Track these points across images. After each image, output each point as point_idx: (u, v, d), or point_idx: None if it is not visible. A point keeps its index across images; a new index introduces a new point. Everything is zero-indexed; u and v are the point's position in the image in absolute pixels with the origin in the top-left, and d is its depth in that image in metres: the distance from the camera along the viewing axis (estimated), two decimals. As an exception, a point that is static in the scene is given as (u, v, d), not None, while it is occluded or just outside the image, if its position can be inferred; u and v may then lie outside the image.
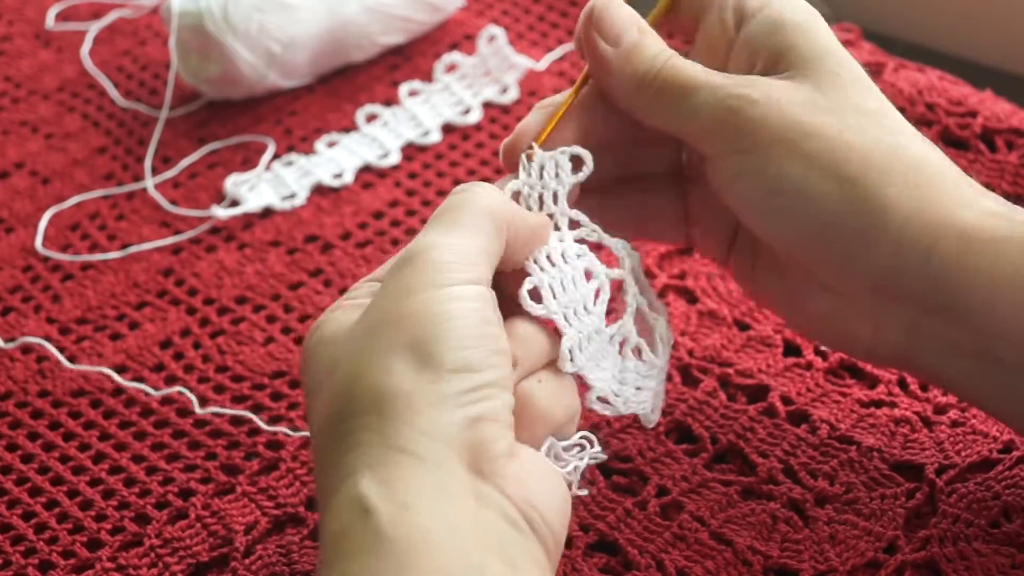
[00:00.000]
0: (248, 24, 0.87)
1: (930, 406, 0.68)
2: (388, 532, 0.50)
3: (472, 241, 0.56)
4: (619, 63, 0.61)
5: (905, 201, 0.57)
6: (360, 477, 0.51)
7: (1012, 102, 0.83)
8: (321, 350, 0.56)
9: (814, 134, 0.58)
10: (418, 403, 0.52)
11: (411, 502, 0.51)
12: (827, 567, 0.62)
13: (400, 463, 0.52)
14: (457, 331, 0.54)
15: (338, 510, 0.52)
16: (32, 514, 0.69)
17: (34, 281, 0.82)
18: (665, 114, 0.61)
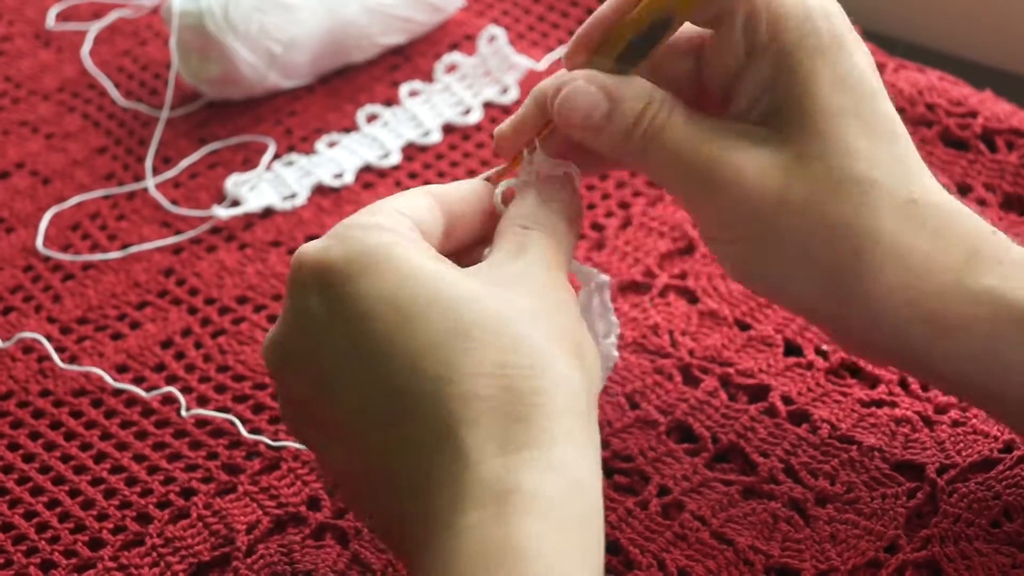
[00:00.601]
0: (248, 24, 0.87)
1: (931, 406, 0.68)
2: (594, 515, 0.51)
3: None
4: (595, 142, 0.60)
5: (875, 294, 0.57)
6: (568, 449, 0.51)
7: (1012, 102, 0.83)
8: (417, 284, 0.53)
9: (784, 237, 0.58)
10: (576, 393, 0.53)
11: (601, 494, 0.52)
12: (828, 566, 0.62)
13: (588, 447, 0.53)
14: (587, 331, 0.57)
15: (545, 475, 0.50)
16: (34, 513, 0.69)
17: (35, 281, 0.82)
18: (651, 176, 0.62)
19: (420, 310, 0.53)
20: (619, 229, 0.80)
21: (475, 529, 0.49)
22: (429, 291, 0.53)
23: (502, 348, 0.52)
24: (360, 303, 0.53)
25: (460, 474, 0.50)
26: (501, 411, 0.51)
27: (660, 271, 0.77)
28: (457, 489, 0.50)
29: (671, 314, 0.74)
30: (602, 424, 0.69)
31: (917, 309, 0.57)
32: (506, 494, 0.49)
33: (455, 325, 0.52)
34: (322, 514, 0.67)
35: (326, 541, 0.66)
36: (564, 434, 0.51)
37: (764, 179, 0.58)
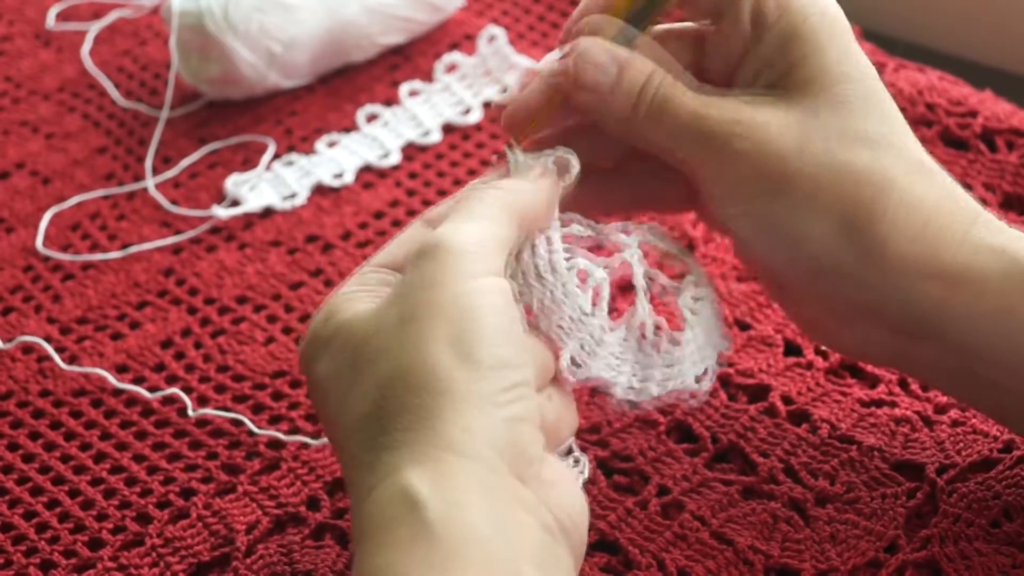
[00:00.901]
0: (248, 24, 0.87)
1: (930, 405, 0.68)
2: (437, 527, 0.50)
3: (490, 232, 0.56)
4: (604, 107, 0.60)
5: (892, 241, 0.58)
6: (407, 472, 0.51)
7: (1012, 102, 0.83)
8: (342, 339, 0.56)
9: (803, 178, 0.58)
10: (462, 401, 0.52)
11: (460, 500, 0.51)
12: (828, 566, 0.62)
13: (449, 461, 0.52)
14: (491, 327, 0.54)
15: (381, 503, 0.51)
16: (33, 513, 0.69)
17: (35, 281, 0.82)
18: (657, 147, 0.61)
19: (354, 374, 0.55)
20: (619, 229, 0.80)
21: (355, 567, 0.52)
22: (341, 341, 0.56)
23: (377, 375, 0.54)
24: (319, 385, 0.57)
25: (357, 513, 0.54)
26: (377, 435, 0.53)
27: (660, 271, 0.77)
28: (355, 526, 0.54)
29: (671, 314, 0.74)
30: (602, 424, 0.69)
31: (931, 261, 0.58)
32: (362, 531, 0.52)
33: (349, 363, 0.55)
34: (322, 514, 0.67)
35: (325, 541, 0.66)
36: (411, 455, 0.52)
37: (782, 131, 0.58)
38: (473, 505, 0.51)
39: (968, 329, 0.58)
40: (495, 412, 0.53)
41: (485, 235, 0.56)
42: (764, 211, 0.59)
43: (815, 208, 0.58)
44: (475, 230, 0.56)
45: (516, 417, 0.53)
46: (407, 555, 0.50)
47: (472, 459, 0.52)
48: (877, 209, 0.58)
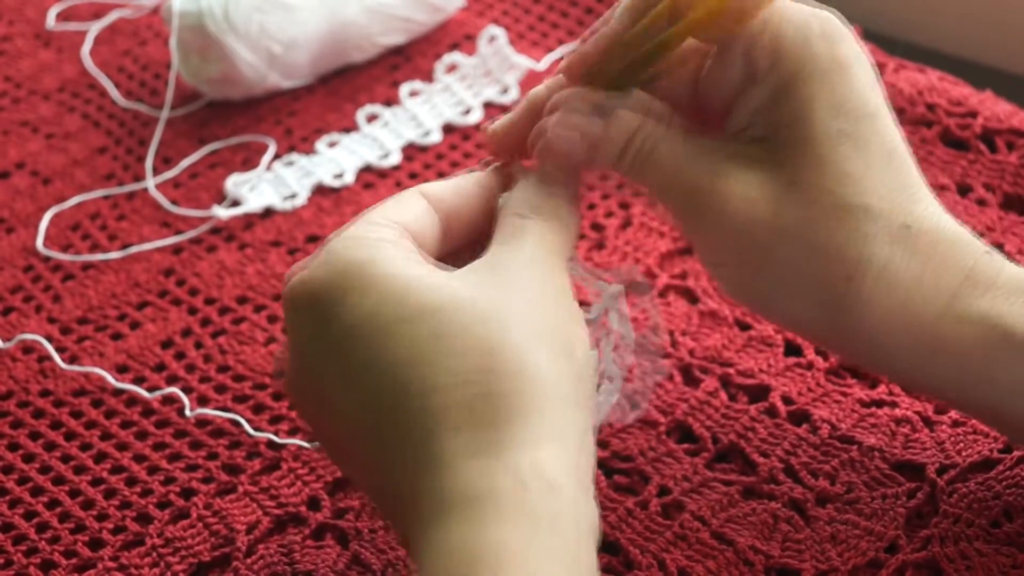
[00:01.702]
0: (248, 24, 0.87)
1: (931, 406, 0.68)
2: (570, 513, 0.50)
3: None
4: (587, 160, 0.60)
5: (868, 320, 0.58)
6: (538, 451, 0.51)
7: (1012, 102, 0.83)
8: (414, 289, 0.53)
9: (778, 262, 0.58)
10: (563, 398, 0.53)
11: (582, 491, 0.51)
12: (828, 567, 0.62)
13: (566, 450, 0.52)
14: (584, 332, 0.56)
15: (508, 476, 0.50)
16: (34, 513, 0.69)
17: (35, 281, 0.82)
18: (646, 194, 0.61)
19: (401, 323, 0.53)
20: (619, 229, 0.80)
21: (450, 538, 0.49)
22: (410, 301, 0.53)
23: (481, 353, 0.52)
24: (344, 325, 0.54)
25: (439, 483, 0.51)
26: (478, 417, 0.51)
27: (660, 271, 0.77)
28: (438, 498, 0.51)
29: (671, 314, 0.74)
30: (602, 424, 0.69)
31: (910, 333, 0.57)
32: (479, 501, 0.50)
33: (435, 333, 0.52)
34: (322, 514, 0.67)
35: (326, 541, 0.66)
36: (538, 436, 0.51)
37: (756, 206, 0.58)
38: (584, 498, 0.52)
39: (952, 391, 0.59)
40: (582, 415, 0.54)
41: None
42: (742, 281, 0.60)
43: (790, 286, 0.58)
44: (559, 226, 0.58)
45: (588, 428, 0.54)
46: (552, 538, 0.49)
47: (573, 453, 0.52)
48: (852, 291, 0.57)
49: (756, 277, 0.59)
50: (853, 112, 0.58)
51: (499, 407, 0.51)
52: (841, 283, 0.57)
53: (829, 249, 0.57)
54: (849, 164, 0.57)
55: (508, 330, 0.53)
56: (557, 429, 0.52)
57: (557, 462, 0.51)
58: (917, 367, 0.59)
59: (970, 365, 0.57)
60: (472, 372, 0.52)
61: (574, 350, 0.54)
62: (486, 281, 0.54)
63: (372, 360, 0.53)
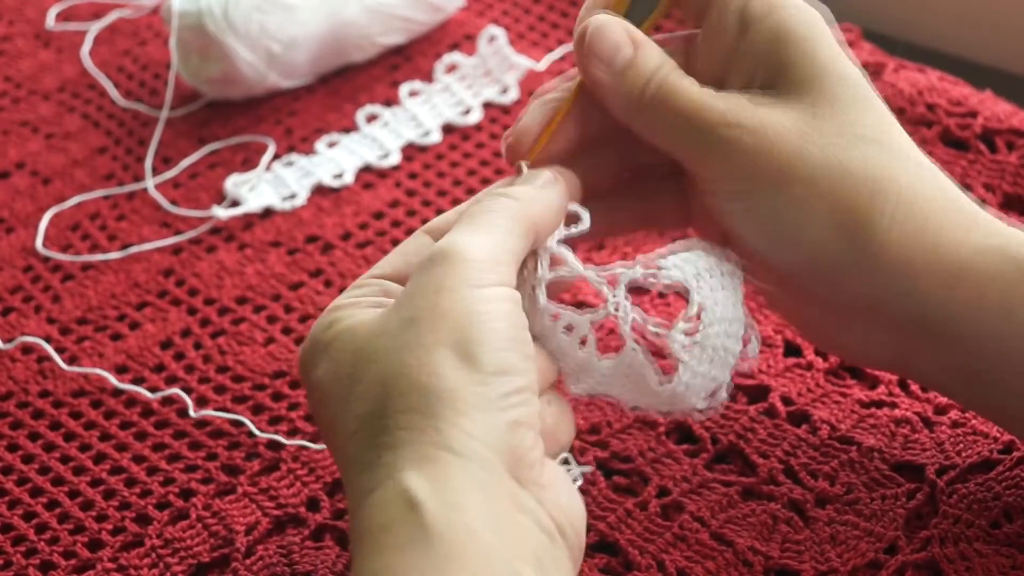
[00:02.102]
0: (248, 24, 0.87)
1: (930, 407, 0.68)
2: (435, 529, 0.50)
3: (501, 241, 0.56)
4: (613, 84, 0.60)
5: (893, 238, 0.58)
6: (406, 473, 0.51)
7: (1012, 102, 0.83)
8: (344, 343, 0.56)
9: (802, 177, 0.58)
10: (463, 403, 0.53)
11: (459, 502, 0.51)
12: (828, 567, 0.62)
13: (448, 462, 0.52)
14: (496, 333, 0.54)
15: (380, 505, 0.52)
16: (33, 514, 0.69)
17: (35, 281, 0.82)
18: (659, 136, 0.61)
19: (333, 381, 0.56)
20: (619, 229, 0.80)
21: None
22: (343, 356, 0.56)
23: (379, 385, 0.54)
24: (311, 390, 0.58)
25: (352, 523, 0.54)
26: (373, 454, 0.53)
27: (660, 271, 0.77)
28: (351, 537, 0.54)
29: (671, 314, 0.74)
30: (602, 424, 0.69)
31: (930, 260, 0.58)
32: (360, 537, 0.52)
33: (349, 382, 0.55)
34: (321, 515, 0.67)
35: (325, 542, 0.66)
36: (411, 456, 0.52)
37: (781, 130, 0.58)
38: (472, 507, 0.51)
39: (968, 327, 0.58)
40: (496, 416, 0.53)
41: (496, 245, 0.56)
42: (762, 209, 0.59)
43: (813, 208, 0.58)
44: (486, 240, 0.56)
45: (517, 421, 0.53)
46: (405, 558, 0.50)
47: (471, 460, 0.52)
48: (876, 208, 0.58)
49: (778, 200, 0.59)
50: (848, 66, 0.60)
51: (389, 433, 0.53)
52: (865, 199, 0.58)
53: (857, 167, 0.58)
54: (861, 103, 0.59)
55: (403, 350, 0.54)
56: (450, 437, 0.52)
57: (421, 479, 0.51)
58: (934, 298, 0.58)
59: (988, 297, 0.57)
60: (371, 408, 0.54)
61: (476, 355, 0.54)
62: (403, 301, 0.56)
63: (324, 417, 0.57)
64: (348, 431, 0.55)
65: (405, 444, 0.52)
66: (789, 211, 0.59)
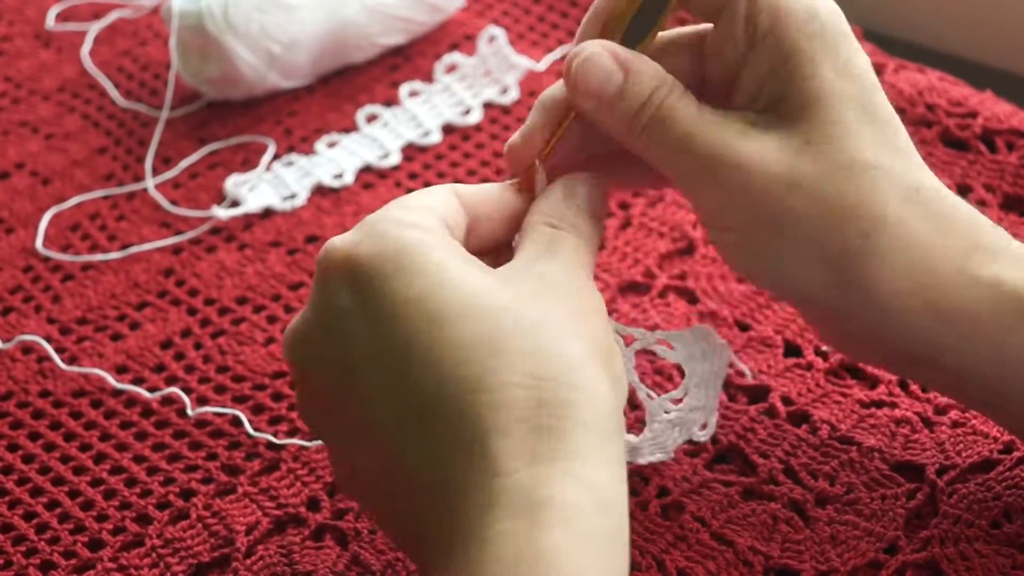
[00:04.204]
0: (248, 24, 0.87)
1: (931, 407, 0.68)
2: (621, 535, 0.51)
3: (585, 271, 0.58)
4: (603, 115, 0.59)
5: (882, 280, 0.57)
6: (597, 467, 0.51)
7: (1012, 102, 0.83)
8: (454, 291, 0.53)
9: (793, 219, 0.57)
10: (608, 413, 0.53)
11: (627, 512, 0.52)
12: (828, 567, 0.62)
13: (617, 468, 0.52)
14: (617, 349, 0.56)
15: (569, 485, 0.50)
16: (33, 514, 0.69)
17: (35, 281, 0.82)
18: (654, 161, 0.60)
19: (453, 317, 0.52)
20: (619, 229, 0.80)
21: (505, 539, 0.49)
22: (462, 297, 0.53)
23: (535, 359, 0.52)
24: (392, 304, 0.53)
25: (489, 483, 0.50)
26: (532, 423, 0.51)
27: (660, 271, 0.77)
28: (486, 497, 0.50)
29: (671, 314, 0.74)
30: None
31: (922, 296, 0.57)
32: (537, 506, 0.49)
33: (488, 334, 0.52)
34: (321, 515, 0.67)
35: (325, 542, 0.66)
36: (593, 450, 0.51)
37: (774, 163, 0.57)
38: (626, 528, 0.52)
39: (961, 359, 0.58)
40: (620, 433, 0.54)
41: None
42: (754, 245, 0.59)
43: (804, 248, 0.58)
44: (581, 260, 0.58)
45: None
46: (602, 555, 0.50)
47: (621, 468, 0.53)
48: (867, 248, 0.57)
49: (769, 239, 0.58)
50: (858, 79, 0.58)
51: (553, 415, 0.51)
52: (857, 239, 0.57)
53: (845, 204, 0.57)
54: (859, 125, 0.58)
55: (559, 340, 0.53)
56: (606, 447, 0.52)
57: (611, 478, 0.51)
58: (926, 336, 0.58)
59: (980, 331, 0.57)
60: (525, 376, 0.51)
61: (616, 368, 0.54)
62: (532, 288, 0.54)
63: (418, 346, 0.52)
64: (501, 379, 0.51)
65: (582, 439, 0.51)
66: (782, 250, 0.58)
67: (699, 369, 0.64)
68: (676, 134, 0.58)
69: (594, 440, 0.51)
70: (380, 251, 0.54)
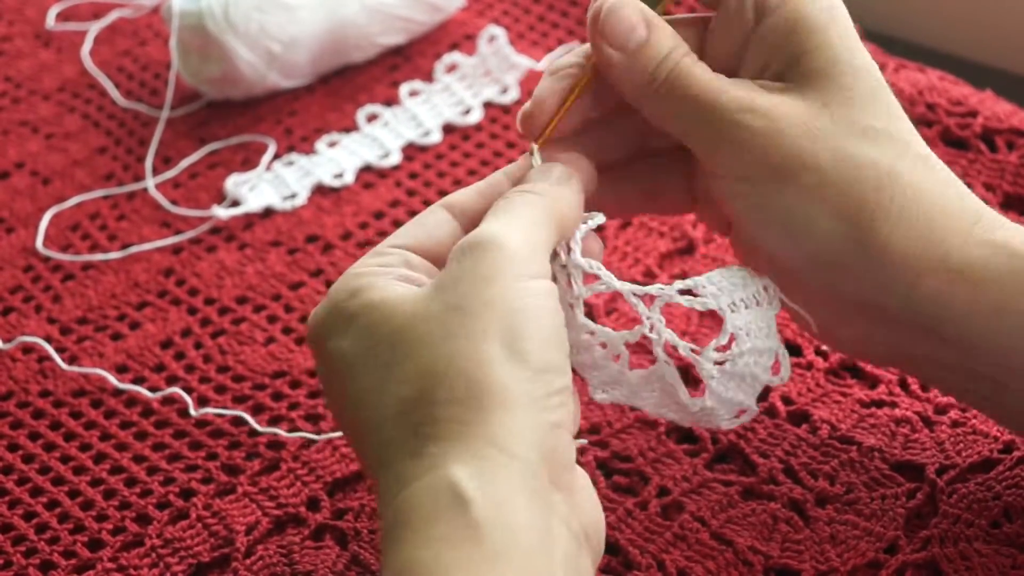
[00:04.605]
0: (248, 24, 0.87)
1: (931, 406, 0.68)
2: (484, 526, 0.50)
3: (536, 234, 0.56)
4: (625, 66, 0.60)
5: (895, 235, 0.58)
6: (454, 467, 0.51)
7: (1012, 102, 0.83)
8: (376, 318, 0.55)
9: (811, 167, 0.58)
10: (512, 401, 0.52)
11: (505, 501, 0.51)
12: (828, 567, 0.62)
13: (496, 460, 0.51)
14: (542, 329, 0.54)
15: (426, 495, 0.51)
16: (33, 514, 0.69)
17: (35, 281, 0.82)
18: (669, 121, 0.61)
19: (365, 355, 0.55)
20: (619, 229, 0.80)
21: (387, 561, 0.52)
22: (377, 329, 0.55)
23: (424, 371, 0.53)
24: (331, 359, 0.56)
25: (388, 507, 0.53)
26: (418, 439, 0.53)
27: (660, 271, 0.77)
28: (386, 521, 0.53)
29: (671, 314, 0.74)
30: (602, 424, 0.69)
31: (933, 256, 0.58)
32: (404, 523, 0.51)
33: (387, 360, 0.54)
34: (321, 515, 0.67)
35: (325, 542, 0.66)
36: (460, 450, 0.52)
37: (792, 120, 0.58)
38: (518, 509, 0.51)
39: (967, 324, 0.58)
40: (541, 416, 0.53)
41: (534, 237, 0.56)
42: (769, 198, 0.59)
43: (820, 199, 0.58)
44: (523, 232, 0.56)
45: (558, 423, 0.53)
46: (454, 551, 0.49)
47: (519, 461, 0.52)
48: (882, 203, 0.58)
49: (786, 190, 0.59)
50: (863, 58, 0.60)
51: (435, 423, 0.52)
52: (872, 194, 0.58)
53: (863, 160, 0.58)
54: (869, 95, 0.59)
55: (451, 338, 0.53)
56: (498, 434, 0.52)
57: (470, 474, 0.51)
58: (933, 297, 0.58)
59: (984, 295, 0.57)
60: (415, 394, 0.53)
61: (524, 351, 0.53)
62: (445, 285, 0.55)
63: (349, 391, 0.55)
64: (385, 412, 0.53)
65: (453, 437, 0.52)
66: (794, 203, 0.59)
67: (743, 308, 0.60)
68: (697, 88, 0.59)
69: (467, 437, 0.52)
70: (322, 314, 0.57)
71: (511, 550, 0.50)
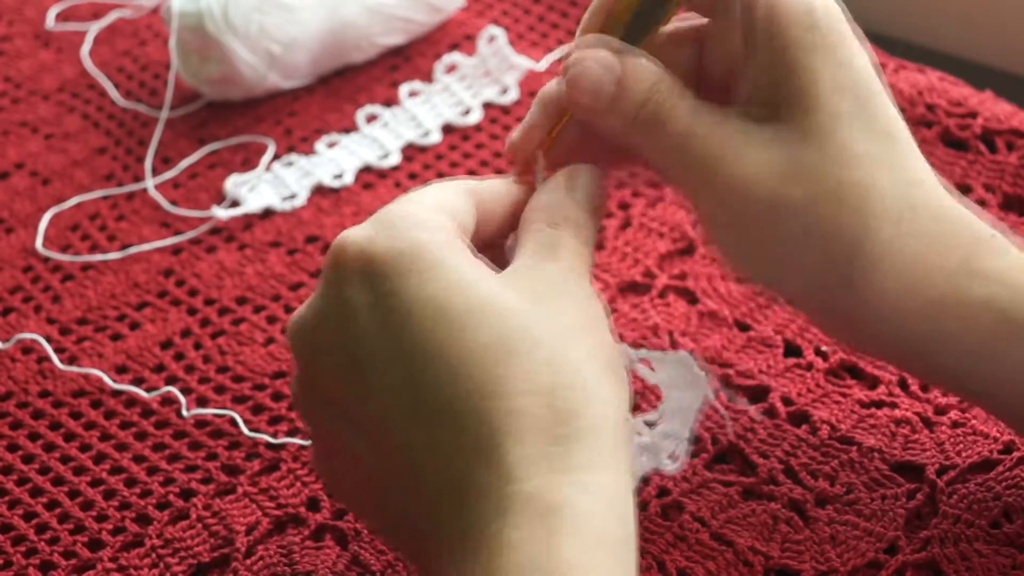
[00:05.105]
0: (248, 25, 0.87)
1: (931, 407, 0.68)
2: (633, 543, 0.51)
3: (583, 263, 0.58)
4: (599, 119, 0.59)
5: (879, 278, 0.57)
6: (612, 476, 0.51)
7: (1012, 102, 0.83)
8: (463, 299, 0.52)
9: (784, 209, 0.57)
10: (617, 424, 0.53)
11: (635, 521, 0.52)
12: (828, 568, 0.62)
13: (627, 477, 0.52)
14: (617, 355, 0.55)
15: (584, 494, 0.50)
16: (33, 514, 0.69)
17: (34, 281, 0.82)
18: (650, 160, 0.60)
19: (468, 320, 0.52)
20: (619, 229, 0.80)
21: (520, 546, 0.48)
22: (474, 301, 0.52)
23: (549, 367, 0.52)
24: (405, 302, 0.52)
25: (502, 488, 0.50)
26: (546, 430, 0.51)
27: (660, 272, 0.77)
28: (498, 503, 0.50)
29: (671, 315, 0.74)
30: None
31: (918, 297, 0.57)
32: (551, 514, 0.49)
33: (500, 340, 0.51)
34: (321, 515, 0.67)
35: (325, 542, 0.66)
36: (605, 458, 0.51)
37: (761, 180, 0.57)
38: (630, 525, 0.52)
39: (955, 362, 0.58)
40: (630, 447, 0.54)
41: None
42: (751, 241, 0.59)
43: (793, 264, 0.58)
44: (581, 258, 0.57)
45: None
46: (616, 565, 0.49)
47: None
48: (854, 272, 0.57)
49: (759, 251, 0.58)
50: (855, 89, 0.57)
51: (567, 423, 0.51)
52: (843, 264, 0.57)
53: (831, 229, 0.56)
54: (853, 142, 0.57)
55: (569, 347, 0.52)
56: (617, 456, 0.52)
57: (622, 487, 0.51)
58: (919, 350, 0.58)
59: (973, 346, 0.57)
60: (538, 383, 0.51)
61: (621, 374, 0.54)
62: (540, 293, 0.54)
63: (431, 346, 0.52)
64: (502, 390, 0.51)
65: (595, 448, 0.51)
66: (776, 248, 0.58)
67: (676, 396, 0.64)
68: (671, 138, 0.58)
69: (605, 448, 0.51)
70: (394, 249, 0.53)
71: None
